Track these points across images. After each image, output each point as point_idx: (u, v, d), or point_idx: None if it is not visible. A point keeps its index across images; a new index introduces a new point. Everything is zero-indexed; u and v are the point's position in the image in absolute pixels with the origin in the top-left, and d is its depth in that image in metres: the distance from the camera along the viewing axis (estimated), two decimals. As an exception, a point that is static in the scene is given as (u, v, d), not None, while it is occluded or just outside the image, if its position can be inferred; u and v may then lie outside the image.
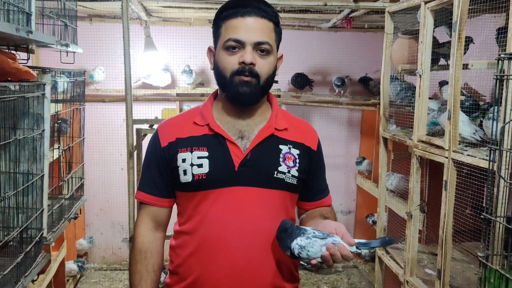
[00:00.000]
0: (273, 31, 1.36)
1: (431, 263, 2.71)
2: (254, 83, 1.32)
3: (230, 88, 1.33)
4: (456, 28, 2.08)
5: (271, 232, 1.33)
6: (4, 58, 1.57)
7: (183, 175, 1.34)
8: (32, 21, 1.86)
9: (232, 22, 1.32)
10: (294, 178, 1.38)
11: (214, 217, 1.33)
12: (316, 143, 1.47)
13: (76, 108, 2.75)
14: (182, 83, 4.14)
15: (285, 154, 1.38)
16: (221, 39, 1.35)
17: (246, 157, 1.34)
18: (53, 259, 3.13)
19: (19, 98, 1.75)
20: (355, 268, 4.61)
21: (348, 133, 4.58)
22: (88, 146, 4.24)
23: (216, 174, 1.33)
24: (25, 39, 1.72)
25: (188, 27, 4.15)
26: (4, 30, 1.51)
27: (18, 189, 1.85)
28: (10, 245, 1.87)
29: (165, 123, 1.46)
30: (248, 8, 1.32)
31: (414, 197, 2.52)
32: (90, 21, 4.06)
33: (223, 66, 1.33)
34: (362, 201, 4.65)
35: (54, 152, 2.43)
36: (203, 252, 1.34)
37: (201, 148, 1.35)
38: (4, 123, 1.74)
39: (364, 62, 4.37)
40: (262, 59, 1.32)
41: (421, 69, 2.40)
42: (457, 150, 2.09)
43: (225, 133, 1.36)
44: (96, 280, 4.17)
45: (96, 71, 3.95)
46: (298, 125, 1.48)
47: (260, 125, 1.40)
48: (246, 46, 1.30)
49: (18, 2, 1.75)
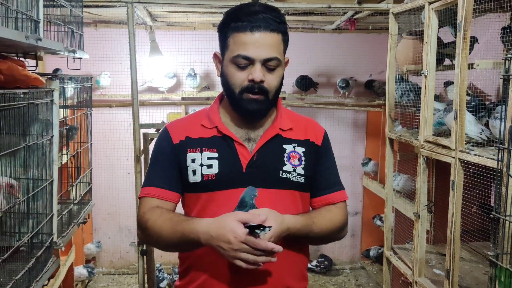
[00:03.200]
0: (282, 42, 1.37)
1: (439, 263, 2.71)
2: (263, 100, 1.35)
3: (239, 105, 1.36)
4: (461, 28, 2.08)
5: None
6: (14, 66, 1.59)
7: (192, 175, 1.36)
8: (40, 28, 1.88)
9: (241, 37, 1.32)
10: (301, 176, 1.39)
11: None
12: (321, 138, 1.47)
13: (83, 113, 2.77)
14: (187, 87, 4.17)
15: (290, 153, 1.40)
16: (229, 51, 1.35)
17: (253, 158, 1.36)
18: (62, 264, 3.15)
19: (29, 105, 1.77)
20: (363, 269, 4.61)
21: (354, 134, 4.58)
22: (95, 151, 4.26)
23: (225, 175, 1.35)
24: (34, 46, 1.74)
25: (192, 31, 4.17)
26: (14, 38, 1.52)
27: (28, 194, 1.87)
28: (21, 250, 1.89)
29: (174, 123, 1.47)
30: (257, 23, 1.31)
31: (421, 198, 2.52)
32: (96, 27, 4.09)
33: (232, 82, 1.35)
34: (368, 202, 4.65)
35: (62, 158, 2.45)
36: (213, 254, 1.31)
37: (211, 149, 1.37)
38: (14, 129, 1.76)
39: (369, 64, 4.38)
40: (271, 74, 1.34)
41: (426, 70, 2.40)
42: (464, 150, 2.09)
43: (233, 135, 1.38)
44: (104, 285, 4.19)
45: (102, 76, 3.98)
46: (303, 123, 1.50)
47: (266, 127, 1.43)
48: (256, 64, 1.32)
49: (26, 10, 1.78)
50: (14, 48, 1.96)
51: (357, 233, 4.76)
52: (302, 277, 1.44)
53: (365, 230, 4.70)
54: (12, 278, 1.68)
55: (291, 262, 1.38)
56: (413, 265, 2.61)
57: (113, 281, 4.27)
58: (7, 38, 1.46)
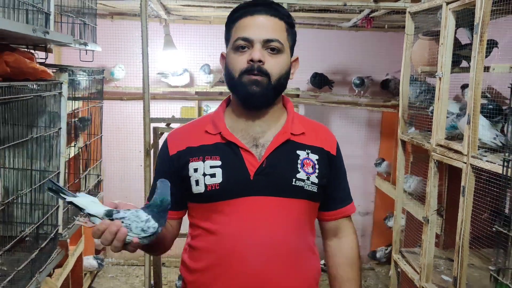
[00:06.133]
0: (285, 30, 1.31)
1: (448, 269, 2.66)
2: (265, 83, 1.25)
3: (239, 89, 1.28)
4: (478, 31, 2.02)
5: (291, 245, 1.28)
6: (21, 58, 1.60)
7: (195, 185, 1.27)
8: (51, 20, 1.89)
9: (241, 22, 1.29)
10: (314, 185, 1.30)
11: (229, 230, 1.26)
12: (335, 148, 1.40)
13: (93, 106, 2.78)
14: (201, 81, 4.16)
15: (303, 160, 1.31)
16: (231, 40, 1.31)
17: (262, 165, 1.27)
18: (70, 254, 3.19)
19: (36, 97, 1.78)
20: (372, 270, 4.56)
21: (368, 134, 4.52)
22: (108, 143, 4.30)
23: (230, 184, 1.26)
24: (43, 38, 1.74)
25: (208, 25, 4.16)
26: (21, 31, 1.53)
27: (34, 186, 1.89)
28: (27, 241, 1.91)
29: (175, 132, 1.40)
30: (258, 7, 1.28)
31: (431, 202, 2.47)
32: (112, 19, 4.10)
33: (232, 67, 1.28)
34: (380, 202, 4.59)
35: (70, 150, 2.46)
36: (218, 268, 1.27)
37: (214, 157, 1.28)
38: (22, 121, 1.77)
39: (386, 63, 4.30)
40: (272, 58, 1.26)
41: (441, 72, 2.34)
42: (476, 156, 2.03)
43: (238, 141, 1.29)
44: (113, 275, 4.23)
45: (116, 69, 4.00)
46: (316, 129, 1.41)
47: (275, 131, 1.33)
48: (255, 44, 1.25)
49: (36, 2, 1.78)
50: (24, 40, 1.97)
51: (367, 233, 4.71)
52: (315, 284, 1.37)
53: (376, 230, 4.65)
54: (14, 269, 1.70)
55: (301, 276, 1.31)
56: (420, 270, 2.57)
57: (122, 272, 4.31)
58: (13, 31, 1.46)
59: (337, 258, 1.43)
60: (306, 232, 1.34)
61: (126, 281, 4.15)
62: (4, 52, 1.57)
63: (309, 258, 1.34)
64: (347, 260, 1.42)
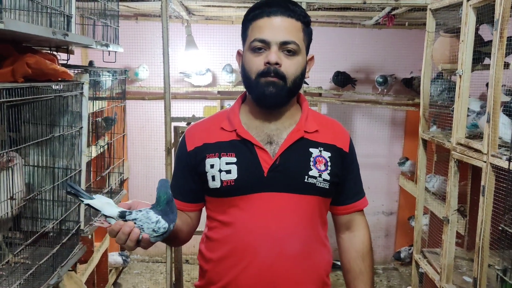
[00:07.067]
0: (301, 31, 1.32)
1: (469, 270, 2.61)
2: (281, 85, 1.28)
3: (255, 90, 1.31)
4: (497, 27, 1.98)
5: (302, 238, 1.32)
6: (42, 60, 1.66)
7: (212, 181, 1.33)
8: (72, 23, 1.95)
9: (258, 23, 1.30)
10: (326, 182, 1.34)
11: (243, 224, 1.31)
12: (348, 144, 1.42)
13: (116, 105, 2.85)
14: (223, 81, 4.20)
15: (316, 158, 1.34)
16: (247, 40, 1.33)
17: (275, 162, 1.31)
18: (96, 250, 3.28)
19: (57, 97, 1.84)
20: (396, 270, 4.51)
21: (391, 132, 4.47)
22: (133, 141, 4.39)
23: (245, 180, 1.31)
24: (63, 41, 1.81)
25: (230, 25, 4.19)
26: (41, 34, 1.59)
27: (57, 183, 1.95)
28: (50, 236, 1.98)
29: (193, 128, 1.44)
30: (274, 8, 1.29)
31: (451, 202, 2.44)
32: (136, 20, 4.18)
33: (249, 68, 1.31)
34: (404, 202, 4.54)
35: (92, 148, 2.53)
36: (232, 259, 1.32)
37: (229, 153, 1.33)
38: (44, 120, 1.84)
39: (410, 60, 4.24)
40: (288, 60, 1.28)
41: (461, 69, 2.30)
42: (496, 155, 1.99)
43: (253, 138, 1.33)
44: (138, 272, 4.32)
45: (140, 69, 4.08)
46: (329, 125, 1.43)
47: (289, 129, 1.36)
48: (272, 46, 1.27)
49: (58, 5, 1.84)
50: (48, 43, 2.04)
51: (391, 233, 4.66)
52: (323, 283, 1.41)
53: (400, 230, 4.59)
54: (36, 262, 1.77)
55: (312, 270, 1.36)
56: (441, 271, 2.53)
57: (147, 268, 4.39)
58: (33, 34, 1.52)
59: (349, 251, 1.47)
60: (317, 226, 1.38)
61: (150, 277, 4.23)
62: (26, 54, 1.64)
63: (320, 251, 1.39)
64: (359, 254, 1.46)
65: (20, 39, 1.78)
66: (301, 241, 1.32)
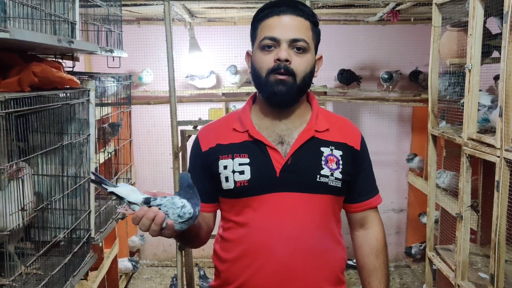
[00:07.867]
0: (310, 29, 1.34)
1: (485, 266, 2.58)
2: (291, 82, 1.30)
3: (265, 88, 1.32)
4: (507, 19, 1.95)
5: (316, 237, 1.33)
6: (48, 68, 1.64)
7: (225, 182, 1.34)
8: (76, 30, 1.94)
9: (267, 22, 1.33)
10: (338, 181, 1.34)
11: (257, 224, 1.32)
12: (359, 142, 1.43)
13: (122, 111, 2.84)
14: (228, 82, 4.18)
15: (327, 157, 1.35)
16: (257, 39, 1.35)
17: (287, 163, 1.32)
18: (105, 256, 3.26)
19: (64, 105, 1.83)
20: (408, 267, 4.48)
21: (399, 129, 4.44)
22: (139, 146, 4.38)
23: (258, 181, 1.32)
24: (69, 48, 1.79)
25: (232, 26, 4.17)
26: (46, 42, 1.57)
27: (66, 191, 1.94)
28: (61, 245, 1.96)
29: (206, 128, 1.46)
30: (283, 7, 1.32)
31: (464, 198, 2.40)
32: (138, 24, 4.17)
33: (259, 66, 1.33)
34: (414, 199, 4.51)
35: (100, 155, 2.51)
36: (248, 259, 1.33)
37: (242, 154, 1.34)
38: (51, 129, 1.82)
39: (415, 56, 4.21)
40: (298, 57, 1.31)
41: (470, 64, 2.27)
42: (510, 149, 1.96)
43: (265, 139, 1.34)
44: (148, 276, 4.31)
45: (144, 73, 4.06)
46: (340, 124, 1.44)
47: (300, 128, 1.38)
48: (282, 44, 1.30)
49: (62, 13, 1.83)
50: (52, 50, 2.02)
51: (402, 230, 4.63)
52: (338, 280, 1.41)
53: (410, 227, 4.56)
54: (48, 273, 1.75)
55: (327, 268, 1.36)
56: (455, 268, 2.50)
57: (157, 273, 4.38)
58: (39, 42, 1.51)
59: (363, 248, 1.48)
60: (331, 224, 1.39)
61: (160, 282, 4.21)
62: (31, 62, 1.62)
63: (334, 249, 1.39)
64: (373, 250, 1.47)
65: (25, 48, 1.77)
66: (315, 239, 1.33)
